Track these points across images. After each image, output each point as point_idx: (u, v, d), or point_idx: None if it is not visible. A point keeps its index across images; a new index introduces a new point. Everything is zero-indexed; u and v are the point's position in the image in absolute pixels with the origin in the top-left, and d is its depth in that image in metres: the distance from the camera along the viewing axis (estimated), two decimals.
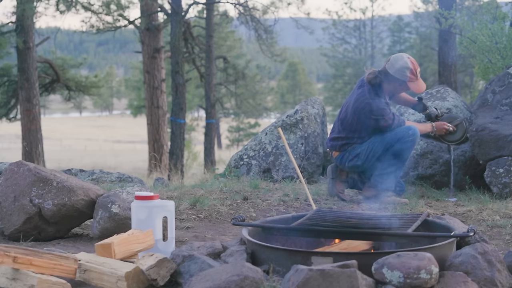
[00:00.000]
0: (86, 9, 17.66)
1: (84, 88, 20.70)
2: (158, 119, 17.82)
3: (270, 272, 2.69)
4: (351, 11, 54.40)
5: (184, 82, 15.99)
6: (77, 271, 2.86)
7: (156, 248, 3.25)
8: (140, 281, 2.79)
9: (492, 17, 7.97)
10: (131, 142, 43.21)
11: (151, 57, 17.58)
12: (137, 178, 6.54)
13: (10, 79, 19.04)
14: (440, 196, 5.40)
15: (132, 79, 40.74)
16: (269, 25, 19.08)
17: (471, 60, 9.02)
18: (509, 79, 6.03)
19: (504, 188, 5.27)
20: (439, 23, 11.36)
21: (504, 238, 3.98)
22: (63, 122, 64.42)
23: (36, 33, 18.09)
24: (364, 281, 2.45)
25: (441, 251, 2.78)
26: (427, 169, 6.01)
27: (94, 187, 4.11)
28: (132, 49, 34.80)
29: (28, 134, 17.11)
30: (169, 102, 19.93)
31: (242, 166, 6.83)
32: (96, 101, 66.71)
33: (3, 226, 3.94)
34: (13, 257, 2.69)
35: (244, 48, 35.04)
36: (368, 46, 45.34)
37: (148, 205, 3.30)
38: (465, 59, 23.49)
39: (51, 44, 21.50)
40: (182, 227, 4.32)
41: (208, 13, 19.30)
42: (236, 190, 5.47)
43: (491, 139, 5.42)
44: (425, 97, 6.43)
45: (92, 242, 3.81)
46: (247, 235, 3.09)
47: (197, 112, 44.76)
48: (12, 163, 4.08)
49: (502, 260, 2.76)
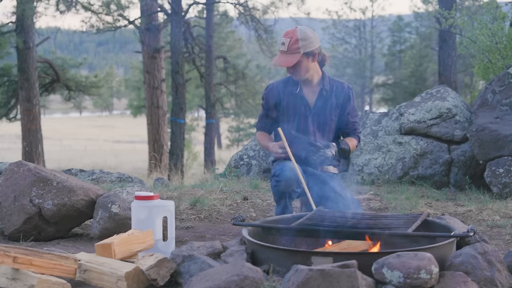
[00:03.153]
0: (86, 9, 17.67)
1: (84, 88, 20.70)
2: (158, 119, 17.81)
3: (270, 272, 2.69)
4: (351, 11, 54.45)
5: (184, 82, 16.00)
6: (77, 271, 2.86)
7: (156, 248, 3.25)
8: (140, 281, 2.79)
9: (492, 17, 7.98)
10: (131, 142, 43.20)
11: (151, 57, 17.58)
12: (137, 178, 6.54)
13: (10, 79, 19.04)
14: (440, 196, 5.41)
15: (132, 79, 40.72)
16: (269, 25, 19.07)
17: (471, 60, 9.03)
18: (509, 79, 6.03)
19: (504, 188, 5.27)
20: (439, 23, 11.38)
21: (504, 238, 3.98)
22: (63, 122, 64.42)
23: (36, 33, 18.09)
24: (364, 281, 2.45)
25: (441, 251, 2.78)
26: (427, 169, 6.01)
27: (94, 187, 4.11)
28: (132, 49, 34.79)
29: (28, 134, 17.11)
30: (169, 102, 19.92)
31: (242, 166, 6.83)
32: (96, 101, 66.67)
33: (3, 226, 3.94)
34: (13, 257, 2.69)
35: (244, 48, 35.01)
36: (368, 46, 45.35)
37: (148, 205, 3.30)
38: (465, 59, 23.50)
39: (51, 44, 21.51)
40: (182, 227, 4.32)
41: (208, 13, 19.31)
42: (236, 190, 5.48)
43: (491, 139, 5.42)
44: (425, 97, 6.43)
45: (92, 242, 3.81)
46: (247, 235, 3.09)
47: (197, 112, 44.75)
48: (12, 163, 4.08)
49: (502, 260, 2.76)
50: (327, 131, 4.02)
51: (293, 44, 3.87)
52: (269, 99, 4.08)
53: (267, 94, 4.09)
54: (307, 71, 3.95)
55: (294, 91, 4.01)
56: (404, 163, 6.06)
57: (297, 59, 3.87)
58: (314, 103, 4.00)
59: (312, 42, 3.91)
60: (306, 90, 4.01)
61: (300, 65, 3.91)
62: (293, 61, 3.87)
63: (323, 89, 4.00)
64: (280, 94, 4.04)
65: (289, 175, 3.74)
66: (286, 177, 3.74)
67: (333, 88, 4.03)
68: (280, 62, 3.90)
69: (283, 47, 3.91)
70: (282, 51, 3.92)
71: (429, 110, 6.19)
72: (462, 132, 6.08)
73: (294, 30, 3.93)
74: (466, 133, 6.03)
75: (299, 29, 3.92)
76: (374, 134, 6.38)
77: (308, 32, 3.93)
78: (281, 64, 3.90)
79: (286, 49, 3.89)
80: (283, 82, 4.08)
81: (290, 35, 3.90)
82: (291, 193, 3.80)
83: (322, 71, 4.05)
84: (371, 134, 6.40)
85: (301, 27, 3.96)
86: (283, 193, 3.79)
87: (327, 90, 4.00)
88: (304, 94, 4.01)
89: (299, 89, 4.00)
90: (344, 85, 4.07)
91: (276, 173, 3.83)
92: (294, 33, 3.90)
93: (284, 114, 4.03)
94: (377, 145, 6.29)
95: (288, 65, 3.88)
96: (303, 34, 3.90)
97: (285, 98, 4.02)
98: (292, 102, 4.01)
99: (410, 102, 6.49)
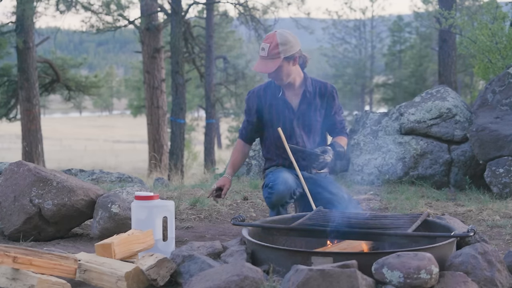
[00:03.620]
0: (86, 9, 17.68)
1: (84, 88, 20.72)
2: (158, 119, 17.81)
3: (270, 272, 2.69)
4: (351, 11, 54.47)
5: (184, 82, 15.99)
6: (77, 271, 2.86)
7: (156, 248, 3.24)
8: (140, 281, 2.79)
9: (492, 17, 7.98)
10: (131, 142, 43.18)
11: (151, 57, 17.58)
12: (137, 178, 6.54)
13: (10, 79, 19.05)
14: (440, 196, 5.41)
15: (132, 79, 40.72)
16: (269, 25, 19.07)
17: (471, 60, 9.03)
18: (509, 79, 6.03)
19: (504, 188, 5.27)
20: (439, 23, 11.37)
21: (504, 238, 3.98)
22: (63, 122, 64.40)
23: (36, 33, 18.10)
24: (364, 281, 2.45)
25: (441, 251, 2.78)
26: (427, 169, 6.01)
27: (94, 187, 4.11)
28: (132, 49, 34.80)
29: (28, 134, 17.12)
30: (169, 102, 19.93)
31: (242, 166, 6.83)
32: (96, 101, 66.67)
33: (3, 226, 3.94)
34: (13, 257, 2.69)
35: (244, 48, 35.00)
36: (368, 46, 45.33)
37: (148, 205, 3.30)
38: (465, 59, 23.49)
39: (51, 44, 21.50)
40: (182, 227, 4.32)
41: (208, 13, 19.31)
42: (236, 190, 5.48)
43: (491, 139, 5.42)
44: (425, 97, 6.43)
45: (92, 242, 3.81)
46: (247, 235, 3.09)
47: (197, 112, 44.75)
48: (12, 163, 4.08)
49: (502, 260, 2.76)
50: (314, 132, 4.00)
51: (273, 49, 3.82)
52: (251, 105, 4.05)
53: (249, 100, 4.06)
54: (289, 75, 3.91)
55: (276, 95, 3.98)
56: (404, 163, 6.06)
57: (277, 64, 3.83)
58: (298, 106, 3.98)
59: (292, 46, 3.86)
60: (288, 93, 3.99)
61: (281, 70, 3.87)
62: (273, 67, 3.83)
63: (306, 91, 3.97)
64: (262, 99, 4.02)
65: (282, 188, 3.73)
66: (278, 191, 3.73)
67: (316, 89, 4.00)
68: (261, 68, 3.84)
69: (263, 53, 3.84)
70: (262, 57, 3.85)
71: (429, 110, 6.19)
72: (462, 132, 6.08)
73: (274, 34, 3.88)
74: (466, 133, 6.03)
75: (279, 33, 3.87)
76: (374, 134, 6.38)
77: (288, 36, 3.87)
78: (262, 70, 3.83)
79: (266, 54, 3.83)
80: (265, 87, 4.05)
81: (270, 40, 3.85)
82: (284, 204, 3.79)
83: (304, 73, 4.02)
84: (371, 134, 6.40)
85: (281, 31, 3.90)
86: (275, 205, 3.78)
87: (310, 92, 3.98)
88: (287, 97, 3.98)
89: (281, 93, 3.98)
90: (327, 85, 4.04)
91: (269, 184, 3.78)
92: (273, 38, 3.84)
93: (268, 119, 4.00)
94: (377, 145, 6.29)
95: (269, 71, 3.84)
96: (283, 38, 3.85)
97: (267, 103, 4.00)
98: (275, 106, 3.98)
99: (410, 102, 6.49)
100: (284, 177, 3.76)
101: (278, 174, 3.80)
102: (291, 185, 3.75)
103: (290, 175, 3.81)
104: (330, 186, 3.91)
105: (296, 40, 3.92)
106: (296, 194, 3.81)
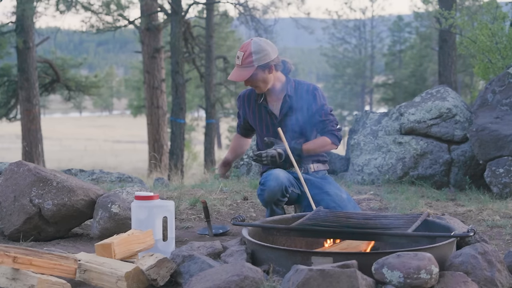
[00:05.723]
0: (86, 9, 17.68)
1: (84, 88, 20.72)
2: (158, 119, 17.81)
3: (270, 272, 2.69)
4: (351, 11, 54.47)
5: (184, 82, 15.98)
6: (77, 271, 2.86)
7: (156, 248, 3.25)
8: (140, 281, 2.79)
9: (492, 17, 7.98)
10: (131, 142, 43.17)
11: (151, 57, 17.58)
12: (137, 178, 6.54)
13: (10, 79, 19.05)
14: (440, 196, 5.40)
15: (132, 79, 40.74)
16: (269, 25, 19.06)
17: (471, 60, 9.02)
18: (509, 79, 6.03)
19: (504, 188, 5.27)
20: (439, 23, 11.38)
21: (504, 238, 3.98)
22: (63, 122, 64.39)
23: (36, 33, 18.09)
24: (364, 281, 2.45)
25: (441, 251, 2.78)
26: (427, 169, 6.01)
27: (94, 187, 4.11)
28: (132, 49, 34.79)
29: (28, 134, 17.11)
30: (169, 102, 19.92)
31: (242, 166, 6.83)
32: (96, 101, 66.67)
33: (3, 226, 3.94)
34: (13, 257, 2.69)
35: None
36: (368, 46, 45.36)
37: (148, 205, 3.31)
38: (465, 59, 23.50)
39: (51, 44, 21.50)
40: (182, 227, 4.32)
41: (208, 13, 19.30)
42: (236, 190, 5.48)
43: (491, 139, 5.42)
44: (425, 97, 6.44)
45: (92, 242, 3.81)
46: (247, 235, 3.10)
47: (197, 112, 44.74)
48: (12, 163, 4.08)
49: (502, 260, 2.76)
50: (298, 135, 3.99)
51: (247, 58, 3.83)
52: (239, 108, 4.18)
53: (238, 102, 4.18)
54: (266, 83, 3.91)
55: (258, 101, 4.03)
56: (404, 163, 6.06)
57: (250, 73, 3.83)
58: (280, 111, 4.00)
59: (267, 54, 3.84)
60: (270, 98, 4.02)
61: (256, 78, 3.87)
62: (246, 75, 3.83)
63: (287, 95, 3.98)
64: (246, 104, 4.10)
65: (273, 185, 3.74)
66: (270, 187, 3.74)
67: (298, 91, 4.00)
68: (235, 77, 3.84)
69: (237, 61, 3.85)
70: (238, 65, 3.86)
71: (429, 110, 6.19)
72: (462, 132, 6.08)
73: (249, 43, 3.88)
74: (466, 133, 6.03)
75: (254, 42, 3.87)
76: (374, 134, 6.38)
77: (262, 44, 3.87)
78: (235, 79, 3.84)
79: (240, 63, 3.84)
80: (251, 91, 4.09)
81: (244, 48, 3.86)
82: (276, 202, 3.80)
83: (286, 77, 4.02)
84: (371, 134, 6.40)
85: (257, 39, 3.90)
86: (267, 202, 3.80)
87: (291, 96, 3.98)
88: (268, 102, 4.02)
89: (262, 99, 4.01)
90: (309, 86, 4.03)
91: (262, 181, 3.81)
92: (248, 47, 3.85)
93: (253, 123, 4.11)
94: (377, 145, 6.29)
95: (241, 80, 3.85)
96: (257, 47, 3.84)
97: (251, 108, 4.07)
98: (258, 112, 4.04)
99: (410, 102, 6.49)
100: (275, 174, 3.78)
101: (270, 172, 3.84)
102: (282, 182, 3.76)
103: (282, 173, 3.82)
104: (329, 186, 3.92)
105: (273, 48, 3.92)
106: (289, 191, 3.82)
